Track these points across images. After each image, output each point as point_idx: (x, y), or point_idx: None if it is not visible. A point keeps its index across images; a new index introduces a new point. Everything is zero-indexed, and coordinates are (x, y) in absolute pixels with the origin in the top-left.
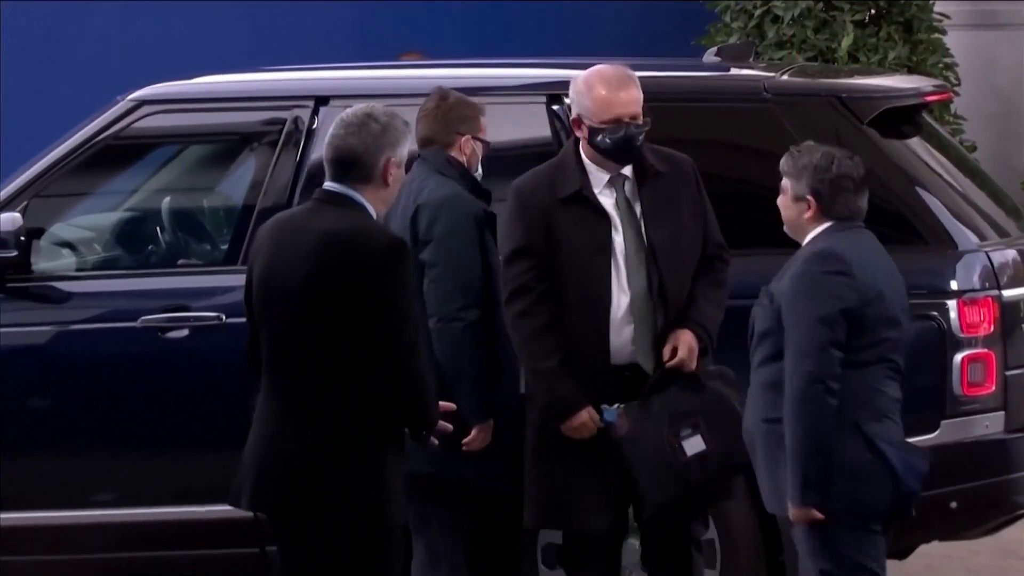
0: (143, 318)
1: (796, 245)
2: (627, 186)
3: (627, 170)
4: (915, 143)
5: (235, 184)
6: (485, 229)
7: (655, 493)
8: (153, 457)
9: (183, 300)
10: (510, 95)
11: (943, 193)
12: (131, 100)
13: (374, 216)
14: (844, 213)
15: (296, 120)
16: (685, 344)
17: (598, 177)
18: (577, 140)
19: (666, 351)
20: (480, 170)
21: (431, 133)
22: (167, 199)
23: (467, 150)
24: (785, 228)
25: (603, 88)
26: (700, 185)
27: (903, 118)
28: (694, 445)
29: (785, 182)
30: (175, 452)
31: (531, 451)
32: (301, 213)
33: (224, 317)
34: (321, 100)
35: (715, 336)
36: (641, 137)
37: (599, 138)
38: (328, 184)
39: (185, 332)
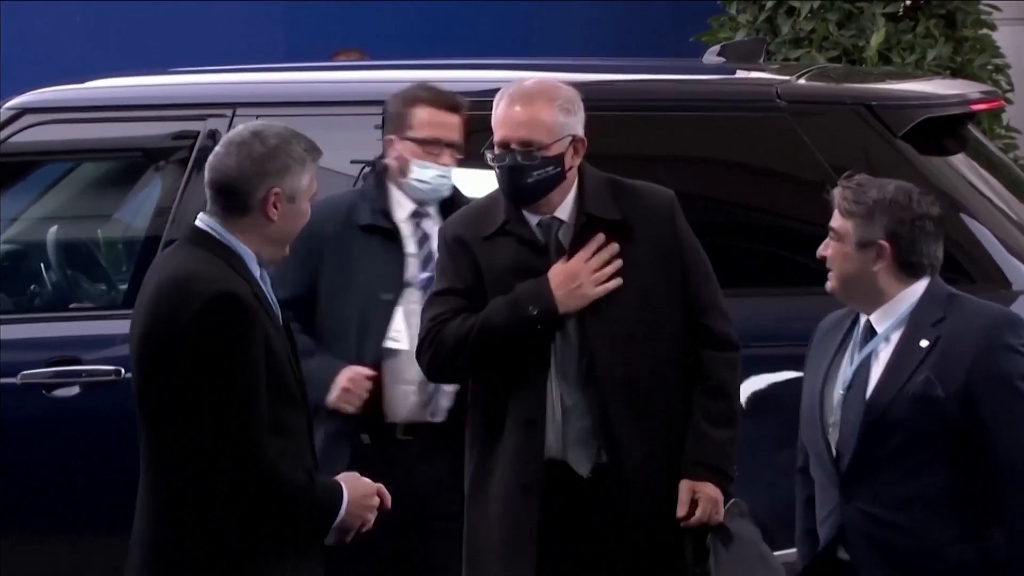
0: (24, 373)
1: (813, 281)
2: (563, 233)
3: (565, 211)
4: (959, 160)
5: (137, 210)
6: None
7: None
8: (36, 541)
9: (73, 351)
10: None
11: (993, 221)
12: (9, 108)
13: (249, 260)
14: (922, 264)
15: (212, 133)
16: (707, 499)
17: (528, 218)
18: None
19: (682, 504)
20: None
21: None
22: (53, 228)
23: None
24: (835, 286)
25: (503, 102)
26: (680, 234)
27: (945, 130)
28: None
29: (843, 224)
30: (63, 535)
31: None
32: (167, 251)
33: (123, 371)
34: (241, 108)
35: (734, 466)
36: (539, 174)
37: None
38: (199, 217)
39: (76, 390)
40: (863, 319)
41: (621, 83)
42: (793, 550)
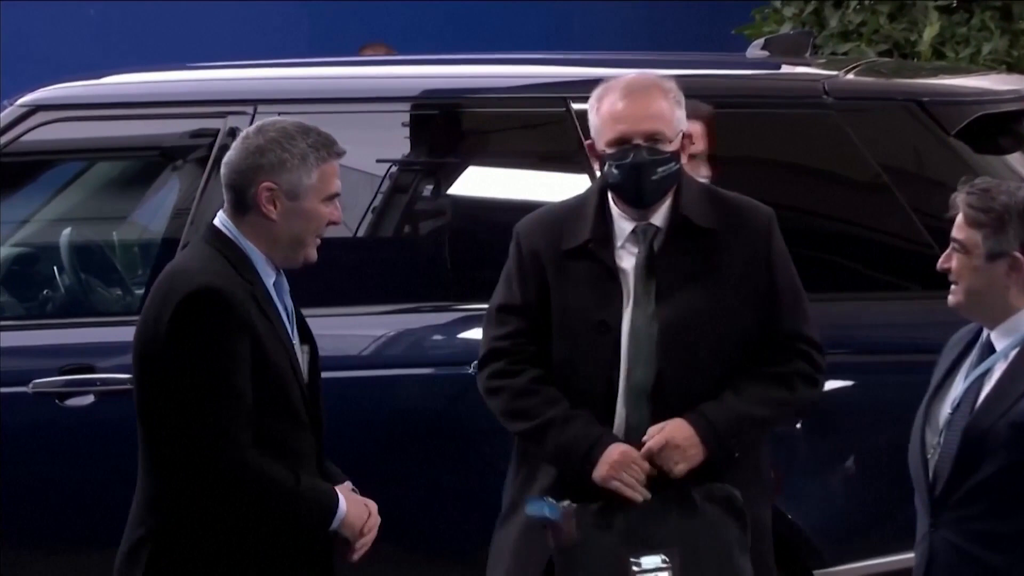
0: (36, 382)
1: (861, 286)
2: (659, 241)
3: (660, 218)
4: (1016, 159)
5: (153, 212)
6: None
7: None
8: (49, 554)
9: (86, 359)
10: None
11: None
12: (21, 106)
13: (259, 261)
14: None
15: (232, 131)
16: (664, 434)
17: (621, 227)
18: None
19: (649, 432)
20: None
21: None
22: (67, 230)
23: None
24: (960, 300)
25: (611, 98)
26: (775, 254)
27: (1001, 128)
28: None
29: (969, 235)
30: (77, 549)
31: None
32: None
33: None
34: (262, 105)
35: (731, 441)
36: (664, 169)
37: (606, 168)
38: (218, 214)
39: (89, 399)
40: (985, 334)
41: None
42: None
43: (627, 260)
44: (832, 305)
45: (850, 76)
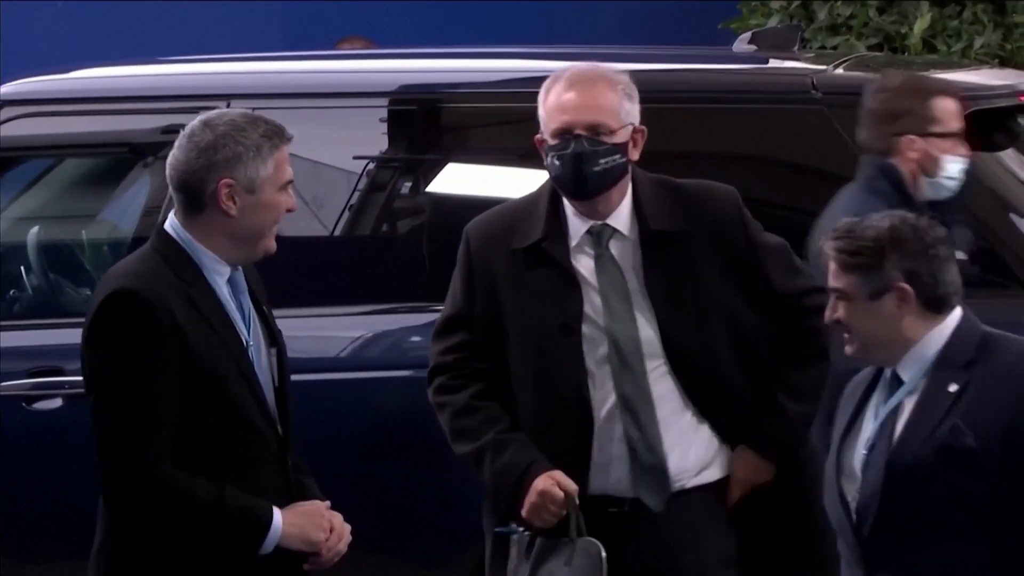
0: (2, 385)
1: None
2: (615, 243)
3: (620, 220)
4: (1009, 156)
5: (124, 209)
6: None
7: None
8: (17, 559)
9: (55, 361)
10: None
11: None
12: None
13: (209, 264)
14: (947, 295)
15: None
16: (741, 482)
17: (575, 226)
18: None
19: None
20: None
21: (863, 136)
22: (35, 229)
23: (912, 155)
24: (857, 349)
25: (557, 89)
26: (753, 236)
27: (993, 124)
28: None
29: (846, 281)
30: (45, 553)
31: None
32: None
33: None
34: (235, 100)
35: (801, 442)
36: (606, 161)
37: (548, 160)
38: (169, 216)
39: (58, 402)
40: (888, 371)
41: (645, 73)
42: None
43: (583, 261)
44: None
45: (839, 71)
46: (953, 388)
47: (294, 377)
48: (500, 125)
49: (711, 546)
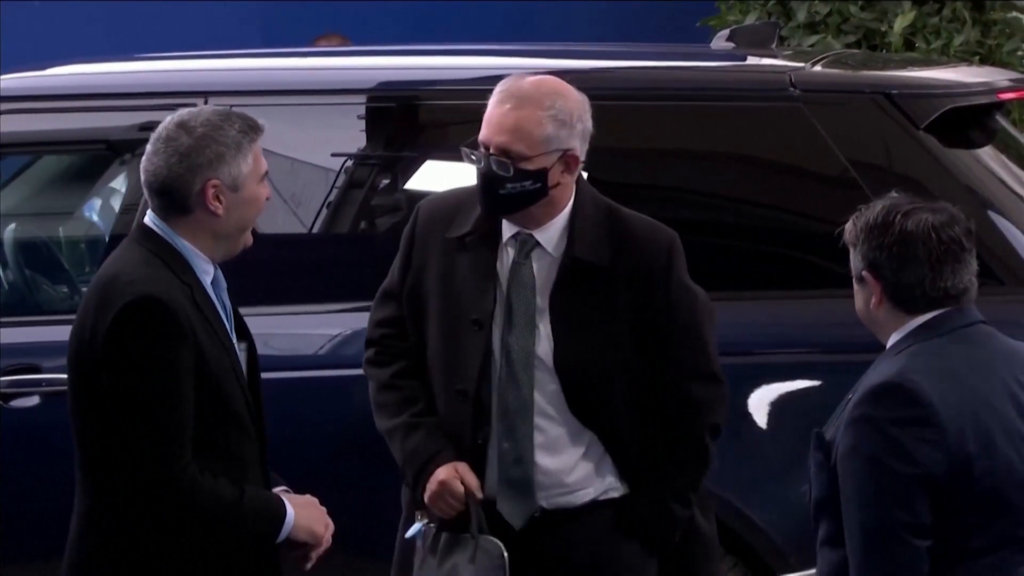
0: None
1: (829, 283)
2: (537, 256)
3: (548, 236)
4: (986, 153)
5: (101, 207)
6: None
7: None
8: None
9: (32, 359)
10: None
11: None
12: None
13: (195, 261)
14: (912, 297)
15: None
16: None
17: (506, 227)
18: None
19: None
20: None
21: None
22: (11, 226)
23: None
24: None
25: (494, 96)
26: (674, 289)
27: (972, 121)
28: None
29: (852, 262)
30: (21, 555)
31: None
32: (117, 248)
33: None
34: (213, 96)
35: (676, 528)
36: (512, 187)
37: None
38: (148, 212)
39: (35, 400)
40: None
41: (622, 71)
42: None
43: (505, 262)
44: (801, 303)
45: (817, 68)
46: (849, 397)
47: (272, 375)
48: (478, 122)
49: (612, 555)
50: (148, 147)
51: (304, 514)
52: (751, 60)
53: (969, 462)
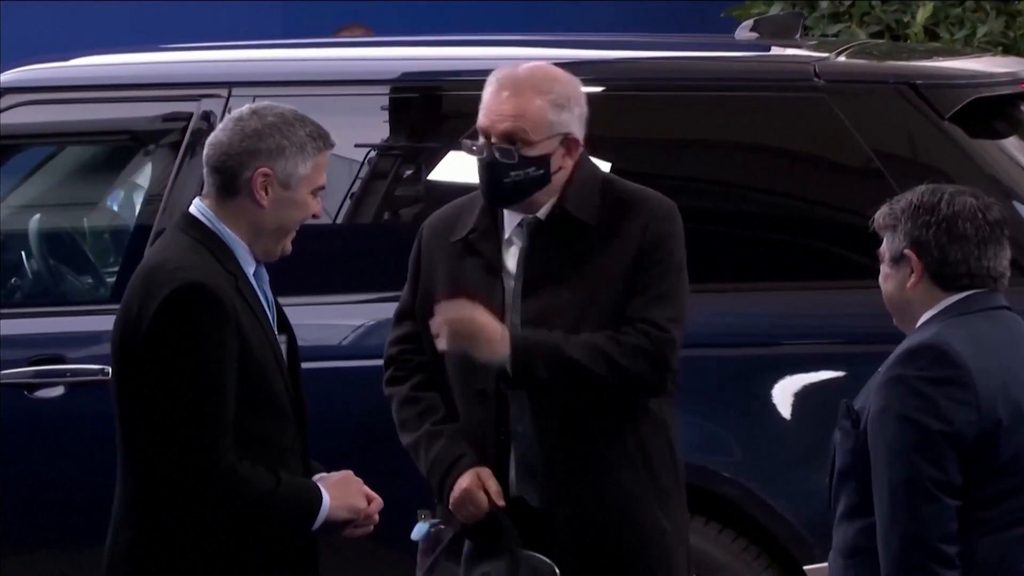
0: (3, 372)
1: (852, 274)
2: (537, 235)
3: (547, 209)
4: (1011, 144)
5: (125, 197)
6: None
7: None
8: (18, 551)
9: (57, 349)
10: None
11: None
12: None
13: (239, 250)
14: (957, 275)
15: (206, 114)
16: (478, 319)
17: (510, 219)
18: None
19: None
20: None
21: None
22: (36, 217)
23: None
24: (892, 314)
25: (490, 86)
26: (660, 249)
27: (996, 111)
28: None
29: (884, 242)
30: (48, 547)
31: None
32: (161, 237)
33: (110, 371)
34: (237, 87)
35: (538, 359)
36: (517, 174)
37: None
38: (194, 202)
39: (60, 391)
40: None
41: (645, 61)
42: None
43: (513, 253)
44: (823, 294)
45: (841, 58)
46: (881, 371)
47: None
48: None
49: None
50: (218, 125)
51: (338, 493)
52: (775, 50)
53: (998, 428)
